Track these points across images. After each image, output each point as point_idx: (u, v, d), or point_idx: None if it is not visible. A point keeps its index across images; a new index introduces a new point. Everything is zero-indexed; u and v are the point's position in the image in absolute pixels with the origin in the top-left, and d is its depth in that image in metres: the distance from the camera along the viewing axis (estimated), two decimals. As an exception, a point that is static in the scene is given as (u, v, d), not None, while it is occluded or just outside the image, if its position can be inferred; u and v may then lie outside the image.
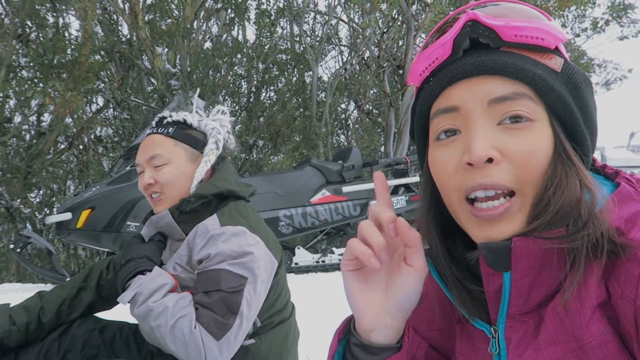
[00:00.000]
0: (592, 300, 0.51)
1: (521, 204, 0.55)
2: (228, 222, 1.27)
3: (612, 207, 0.54)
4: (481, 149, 0.53)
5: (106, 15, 7.71)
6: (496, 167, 0.54)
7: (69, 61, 5.97)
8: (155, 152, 1.35)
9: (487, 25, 0.55)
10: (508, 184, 0.54)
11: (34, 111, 6.91)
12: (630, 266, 0.49)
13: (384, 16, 8.47)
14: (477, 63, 0.55)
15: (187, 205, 1.30)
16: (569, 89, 0.56)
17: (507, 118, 0.55)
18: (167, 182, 1.34)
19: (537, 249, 0.53)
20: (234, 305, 1.16)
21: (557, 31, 0.57)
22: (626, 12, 9.64)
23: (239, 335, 1.17)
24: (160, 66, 6.97)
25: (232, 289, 1.17)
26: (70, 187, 8.07)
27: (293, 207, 4.74)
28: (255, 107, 9.39)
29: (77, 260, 8.03)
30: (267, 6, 9.07)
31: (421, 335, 0.77)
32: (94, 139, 8.25)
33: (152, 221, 1.35)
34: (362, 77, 10.63)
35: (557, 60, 0.56)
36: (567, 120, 0.56)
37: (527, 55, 0.55)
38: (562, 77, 0.56)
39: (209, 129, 1.41)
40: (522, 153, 0.54)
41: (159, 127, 1.40)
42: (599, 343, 0.50)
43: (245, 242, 1.23)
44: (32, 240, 4.09)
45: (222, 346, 1.13)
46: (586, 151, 0.58)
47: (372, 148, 10.37)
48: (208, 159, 1.37)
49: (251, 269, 1.20)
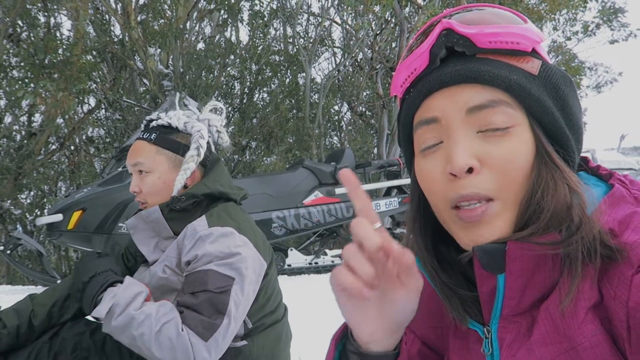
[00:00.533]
0: (585, 301, 0.51)
1: (501, 208, 0.55)
2: (216, 223, 1.27)
3: (605, 209, 0.54)
4: (461, 160, 0.54)
5: (98, 15, 7.67)
6: (477, 177, 0.54)
7: (60, 61, 5.93)
8: (138, 160, 1.34)
9: (461, 34, 0.56)
10: (489, 193, 0.55)
11: (25, 111, 6.86)
12: (623, 268, 0.49)
13: (377, 18, 8.50)
14: (453, 72, 0.56)
15: (177, 204, 1.30)
16: (547, 91, 0.56)
17: (485, 125, 0.55)
18: (148, 192, 1.34)
19: (531, 251, 0.53)
20: (221, 306, 1.15)
21: (533, 33, 0.57)
22: (616, 16, 9.75)
23: (227, 335, 1.16)
24: (153, 67, 6.94)
25: (219, 289, 1.16)
26: (62, 188, 8.02)
27: (286, 209, 4.73)
28: (248, 108, 9.38)
29: (68, 262, 7.97)
30: (260, 7, 9.07)
31: (415, 333, 0.77)
32: (86, 140, 8.20)
33: (142, 215, 1.34)
34: (355, 78, 10.66)
35: (534, 63, 0.56)
36: (547, 123, 0.55)
37: (504, 61, 0.56)
38: (540, 79, 0.56)
39: (194, 131, 1.38)
40: (501, 160, 0.54)
41: (145, 131, 1.38)
42: (591, 344, 0.50)
43: (233, 243, 1.23)
44: (22, 242, 4.05)
45: (211, 347, 1.12)
46: (571, 153, 0.57)
47: (365, 150, 10.39)
48: (187, 166, 1.33)
49: (238, 269, 1.20)
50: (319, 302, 3.32)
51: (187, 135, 1.38)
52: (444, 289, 0.63)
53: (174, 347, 1.10)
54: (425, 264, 0.65)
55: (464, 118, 0.56)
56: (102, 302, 1.15)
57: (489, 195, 0.55)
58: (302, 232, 4.89)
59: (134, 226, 1.37)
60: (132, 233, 1.38)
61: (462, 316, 0.63)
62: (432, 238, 0.66)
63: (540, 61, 0.57)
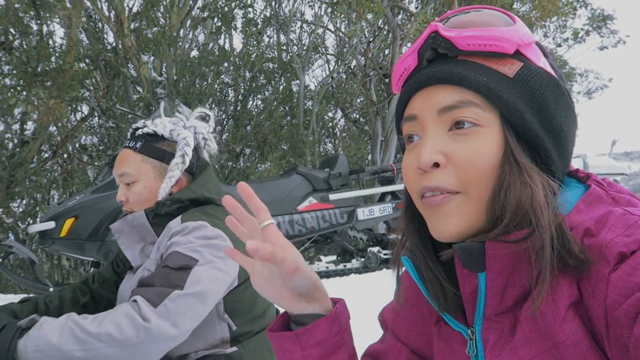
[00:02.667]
0: (565, 299, 0.52)
1: (462, 200, 0.57)
2: (189, 219, 1.27)
3: (583, 208, 0.56)
4: (427, 155, 0.57)
5: (91, 23, 7.67)
6: (441, 171, 0.58)
7: (53, 69, 5.92)
8: (124, 170, 1.34)
9: (443, 36, 0.58)
10: (451, 187, 0.57)
11: (17, 119, 6.82)
12: (600, 266, 0.50)
13: (369, 25, 8.54)
14: (430, 74, 0.59)
15: (162, 208, 1.30)
16: (522, 93, 0.56)
17: (455, 124, 0.58)
18: (135, 202, 1.34)
19: (510, 249, 0.54)
20: (177, 280, 1.10)
21: (517, 36, 0.57)
22: (606, 23, 9.86)
23: (182, 305, 1.08)
24: (146, 74, 6.93)
25: (178, 266, 1.12)
26: (54, 197, 7.96)
27: (280, 215, 4.73)
28: (242, 115, 9.38)
29: (60, 270, 7.91)
30: (253, 15, 9.10)
31: (402, 341, 0.78)
32: (79, 148, 8.17)
33: (127, 220, 1.34)
34: (348, 85, 10.69)
35: (513, 65, 0.57)
36: (517, 125, 0.57)
37: (481, 63, 0.58)
38: (515, 82, 0.57)
39: (180, 139, 1.37)
40: (465, 157, 0.57)
41: (130, 140, 1.37)
42: (572, 342, 0.51)
43: (203, 234, 1.21)
44: (14, 250, 4.02)
45: (161, 312, 1.05)
46: (547, 154, 0.58)
47: (359, 156, 10.41)
48: (172, 174, 1.33)
49: (201, 252, 1.16)
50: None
51: (172, 143, 1.38)
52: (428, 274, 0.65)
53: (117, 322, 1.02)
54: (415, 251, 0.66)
55: (436, 117, 0.59)
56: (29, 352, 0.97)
57: (451, 189, 0.57)
58: (296, 238, 4.89)
59: (119, 230, 1.36)
60: (118, 237, 1.36)
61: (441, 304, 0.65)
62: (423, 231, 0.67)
63: (522, 63, 0.58)
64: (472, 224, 0.58)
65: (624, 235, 0.51)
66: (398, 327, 0.78)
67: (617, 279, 0.49)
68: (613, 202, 0.56)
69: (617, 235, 0.51)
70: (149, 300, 1.06)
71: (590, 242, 0.52)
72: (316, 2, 9.65)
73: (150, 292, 1.08)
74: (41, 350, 0.96)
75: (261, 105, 9.94)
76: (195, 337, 1.25)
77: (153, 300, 1.06)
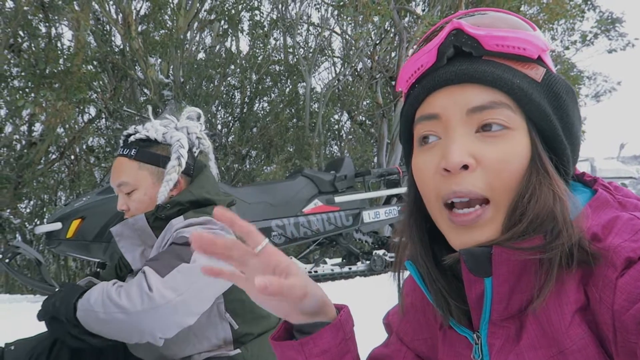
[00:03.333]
0: (572, 305, 0.52)
1: (495, 212, 0.56)
2: (192, 217, 1.27)
3: (589, 213, 0.55)
4: (457, 156, 0.54)
5: (99, 26, 7.72)
6: (471, 175, 0.55)
7: (61, 71, 5.96)
8: (121, 180, 1.34)
9: (470, 34, 0.56)
10: (481, 192, 0.55)
11: (25, 121, 6.88)
12: (607, 272, 0.50)
13: (376, 28, 8.55)
14: (458, 71, 0.56)
15: (163, 212, 1.29)
16: (548, 98, 0.56)
17: (484, 126, 0.56)
18: (137, 209, 1.34)
19: (517, 255, 0.53)
20: (184, 255, 1.13)
21: (540, 41, 0.57)
22: (614, 26, 9.81)
23: (188, 276, 1.12)
24: (153, 76, 6.97)
25: (184, 242, 1.15)
26: (61, 198, 8.02)
27: (285, 217, 4.72)
28: (248, 117, 9.40)
29: (67, 271, 7.95)
30: (260, 18, 9.14)
31: (407, 345, 0.77)
32: (86, 149, 8.22)
33: (128, 223, 1.33)
34: (354, 88, 10.70)
35: (538, 70, 0.57)
36: (545, 129, 0.56)
37: (509, 65, 0.56)
38: (543, 87, 0.56)
39: (174, 141, 1.36)
40: (496, 161, 0.55)
41: (124, 147, 1.36)
42: (579, 347, 0.50)
43: (209, 228, 1.23)
44: (21, 251, 4.04)
45: (167, 282, 1.09)
46: (565, 162, 0.57)
47: (365, 159, 10.40)
48: (170, 177, 1.33)
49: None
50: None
51: (166, 146, 1.37)
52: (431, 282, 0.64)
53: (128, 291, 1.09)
54: (418, 258, 0.65)
55: (464, 117, 0.56)
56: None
57: (482, 194, 0.55)
58: (302, 241, 4.88)
59: (119, 233, 1.35)
60: (118, 240, 1.36)
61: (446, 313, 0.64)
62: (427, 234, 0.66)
63: (544, 69, 0.57)
64: (500, 232, 0.56)
65: (631, 240, 0.50)
66: (403, 331, 0.78)
67: (624, 284, 0.48)
68: (620, 206, 0.56)
69: (624, 241, 0.50)
70: (157, 270, 1.10)
71: (597, 248, 0.51)
72: (322, 4, 9.67)
73: (158, 264, 1.12)
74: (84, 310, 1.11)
75: (267, 107, 9.97)
76: (198, 338, 1.25)
77: (160, 270, 1.11)
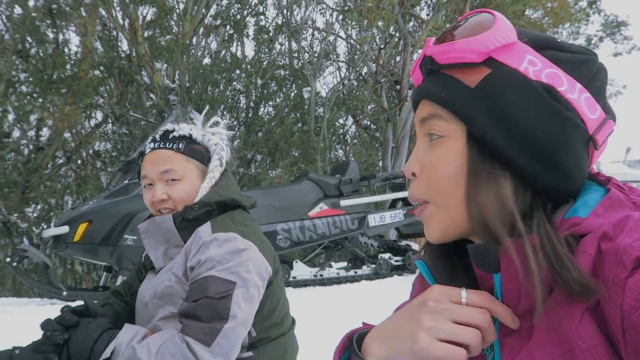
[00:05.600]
0: (581, 303, 0.51)
1: (434, 210, 0.61)
2: (220, 229, 1.27)
3: (602, 212, 0.55)
4: (407, 166, 0.63)
5: (106, 31, 7.79)
6: (416, 181, 0.62)
7: (68, 76, 6.02)
8: (170, 167, 1.32)
9: (427, 54, 0.61)
10: (421, 195, 0.61)
11: (33, 126, 6.94)
12: (617, 271, 0.49)
13: (380, 32, 8.57)
14: (419, 89, 0.64)
15: (191, 213, 1.30)
16: (484, 102, 0.56)
17: (430, 135, 0.62)
18: (180, 199, 1.32)
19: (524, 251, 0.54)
20: (222, 311, 1.15)
21: (489, 41, 0.56)
22: (619, 29, 9.78)
23: (231, 338, 1.15)
24: (159, 81, 7.01)
25: (220, 295, 1.15)
26: (68, 202, 8.06)
27: (291, 221, 4.73)
28: (253, 122, 9.43)
29: (73, 274, 7.98)
30: (265, 23, 9.18)
31: None
32: (93, 154, 8.27)
33: (155, 221, 1.33)
34: (359, 92, 10.71)
35: (478, 74, 0.57)
36: (477, 134, 0.57)
37: (451, 75, 0.59)
38: (476, 91, 0.57)
39: (211, 144, 1.41)
40: (430, 167, 0.60)
41: (166, 141, 1.37)
42: (589, 346, 0.50)
43: (235, 248, 1.22)
44: (28, 254, 4.07)
45: (215, 351, 1.11)
46: (512, 162, 0.56)
47: (370, 162, 10.41)
48: (213, 175, 1.36)
49: (238, 273, 1.19)
50: (324, 315, 3.30)
51: (204, 147, 1.41)
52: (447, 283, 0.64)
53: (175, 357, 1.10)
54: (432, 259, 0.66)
55: (419, 128, 0.63)
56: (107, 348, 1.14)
57: (422, 197, 0.61)
58: (307, 244, 4.89)
59: (145, 231, 1.36)
60: (143, 237, 1.37)
61: None
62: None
63: (489, 70, 0.57)
64: (449, 230, 0.60)
65: None
66: None
67: (634, 283, 0.48)
68: (634, 206, 0.55)
69: (635, 240, 0.50)
70: (201, 341, 1.11)
71: (607, 247, 0.51)
72: (327, 9, 9.70)
73: (199, 331, 1.12)
74: None
75: (272, 112, 10.00)
76: None
77: (205, 340, 1.11)
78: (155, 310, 1.27)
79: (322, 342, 2.58)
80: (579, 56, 0.59)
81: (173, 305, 1.28)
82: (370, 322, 0.83)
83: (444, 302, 0.56)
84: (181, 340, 1.12)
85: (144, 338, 1.16)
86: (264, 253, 1.28)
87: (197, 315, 1.15)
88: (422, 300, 0.57)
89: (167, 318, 1.26)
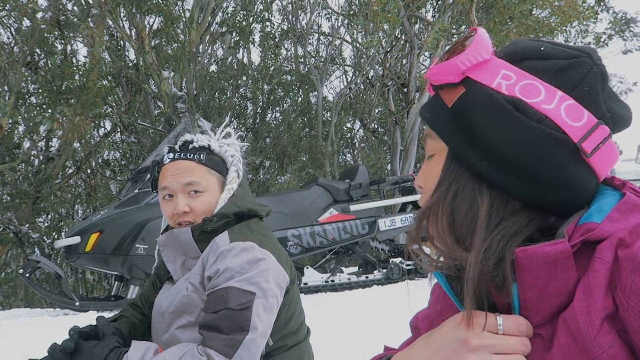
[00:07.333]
0: (600, 312, 0.50)
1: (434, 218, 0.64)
2: (237, 238, 1.27)
3: (617, 217, 0.54)
4: (416, 179, 0.69)
5: (113, 41, 7.86)
6: (422, 193, 0.67)
7: (77, 87, 6.08)
8: (193, 179, 1.32)
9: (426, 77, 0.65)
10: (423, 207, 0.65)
11: (43, 136, 7.01)
12: (635, 277, 0.48)
13: (386, 36, 8.56)
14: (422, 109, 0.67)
15: (210, 225, 1.30)
16: (458, 121, 0.58)
17: None
18: (202, 211, 1.32)
19: (541, 260, 0.53)
20: (243, 322, 1.15)
21: (464, 60, 0.58)
22: (629, 27, 9.70)
23: (252, 349, 1.15)
24: (167, 90, 7.05)
25: (240, 306, 1.16)
26: (79, 211, 8.13)
27: (301, 227, 4.73)
28: (261, 128, 9.47)
29: (85, 284, 8.03)
30: (271, 29, 9.22)
31: None
32: (102, 163, 8.34)
33: (174, 234, 1.33)
34: (366, 96, 10.71)
35: (454, 94, 0.59)
36: (452, 149, 0.60)
37: (439, 95, 0.62)
38: (452, 110, 0.59)
39: (228, 155, 1.41)
40: (427, 181, 0.65)
41: (186, 152, 1.36)
42: (609, 356, 0.49)
43: (253, 257, 1.22)
44: (41, 265, 4.09)
45: None
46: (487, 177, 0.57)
47: (379, 166, 10.39)
48: (231, 187, 1.36)
49: (258, 283, 1.19)
50: (336, 321, 3.28)
51: (221, 158, 1.41)
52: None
53: None
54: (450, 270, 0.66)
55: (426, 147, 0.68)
56: None
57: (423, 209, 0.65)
58: (318, 250, 4.88)
59: (164, 243, 1.36)
60: (162, 250, 1.37)
61: None
62: None
63: (464, 89, 0.58)
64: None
65: None
66: (428, 324, 0.76)
67: None
68: None
69: None
70: (223, 352, 1.12)
71: (624, 254, 0.50)
72: (333, 14, 9.73)
73: (221, 343, 1.12)
74: None
75: (280, 117, 10.03)
76: None
77: (226, 351, 1.12)
78: (172, 319, 1.28)
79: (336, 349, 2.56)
80: (562, 62, 0.57)
81: (190, 314, 1.28)
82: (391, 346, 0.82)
83: (485, 338, 0.55)
84: (202, 352, 1.12)
85: (155, 353, 1.16)
86: (281, 262, 1.28)
87: (218, 327, 1.15)
88: (461, 338, 0.56)
89: (185, 327, 1.26)
